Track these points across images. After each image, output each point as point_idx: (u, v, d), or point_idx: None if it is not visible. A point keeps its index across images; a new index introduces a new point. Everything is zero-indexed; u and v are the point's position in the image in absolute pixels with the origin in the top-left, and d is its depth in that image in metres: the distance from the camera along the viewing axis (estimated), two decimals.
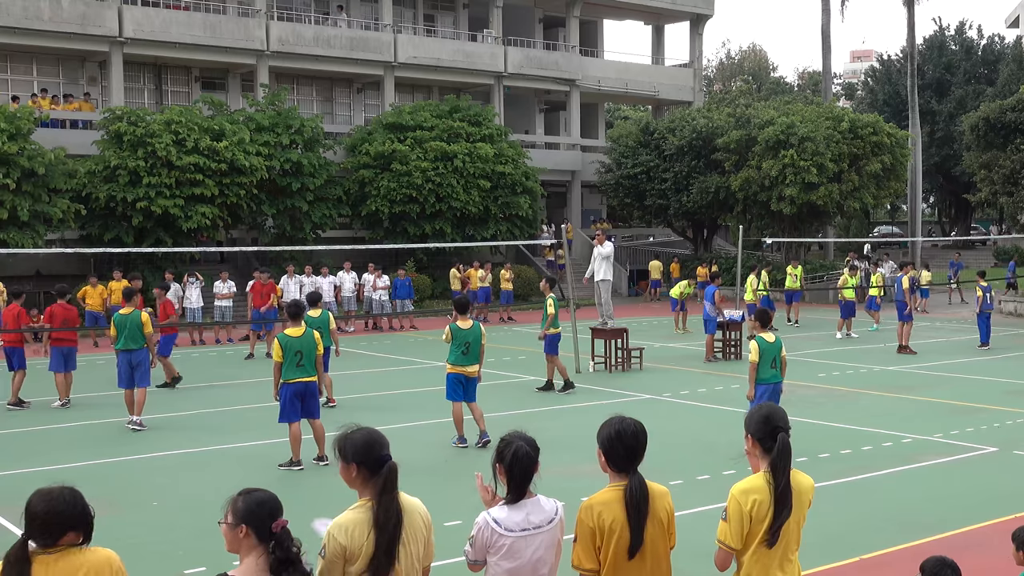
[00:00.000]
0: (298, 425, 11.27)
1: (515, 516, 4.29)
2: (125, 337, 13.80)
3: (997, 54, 58.59)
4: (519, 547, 4.26)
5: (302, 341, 11.25)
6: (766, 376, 11.15)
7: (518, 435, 4.43)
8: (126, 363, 13.80)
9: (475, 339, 12.22)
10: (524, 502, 4.33)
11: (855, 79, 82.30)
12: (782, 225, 37.49)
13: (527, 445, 4.36)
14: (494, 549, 4.26)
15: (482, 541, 4.28)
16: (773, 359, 11.16)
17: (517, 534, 4.27)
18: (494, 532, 4.26)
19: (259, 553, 3.65)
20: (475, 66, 39.96)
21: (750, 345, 11.26)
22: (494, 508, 4.34)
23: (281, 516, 3.68)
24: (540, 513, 4.34)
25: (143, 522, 9.26)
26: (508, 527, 4.27)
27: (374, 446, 4.11)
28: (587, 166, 42.29)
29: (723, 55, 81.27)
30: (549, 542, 4.35)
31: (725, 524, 4.45)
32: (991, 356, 20.69)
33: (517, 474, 4.31)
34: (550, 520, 4.36)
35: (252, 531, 3.64)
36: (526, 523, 4.29)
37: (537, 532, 4.31)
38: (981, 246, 54.86)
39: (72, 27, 31.66)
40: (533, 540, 4.29)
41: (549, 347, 16.64)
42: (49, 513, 3.70)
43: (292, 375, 11.17)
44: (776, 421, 4.55)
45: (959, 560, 4.71)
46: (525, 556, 4.27)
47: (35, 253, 23.41)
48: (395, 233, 34.12)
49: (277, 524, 3.64)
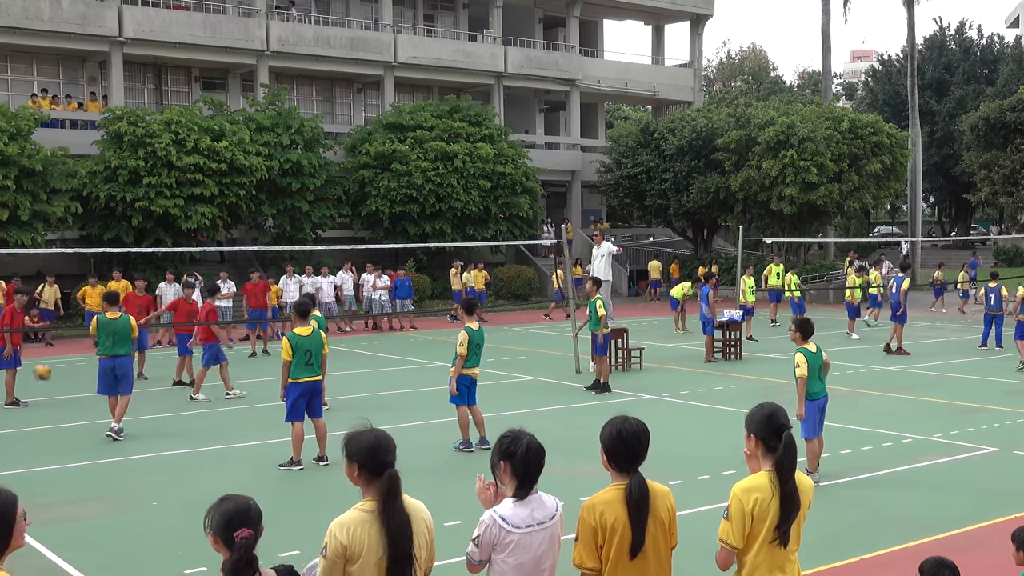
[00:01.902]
0: (302, 425, 11.27)
1: (521, 513, 4.32)
2: (113, 343, 13.24)
3: (997, 54, 58.61)
4: (525, 543, 4.30)
5: (311, 340, 11.26)
6: (815, 390, 10.31)
7: (522, 431, 4.45)
8: (110, 370, 13.19)
9: (482, 341, 12.17)
10: (529, 499, 4.36)
11: (855, 79, 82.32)
12: (782, 225, 37.50)
13: (535, 440, 4.40)
14: (501, 546, 4.30)
15: (489, 539, 4.30)
16: (818, 370, 10.32)
17: (523, 530, 4.31)
18: (501, 529, 4.29)
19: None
20: (475, 66, 39.97)
21: (796, 359, 10.25)
22: (499, 506, 4.36)
23: (249, 526, 3.79)
24: (543, 509, 4.39)
25: (143, 522, 9.26)
26: (515, 524, 4.30)
27: (378, 450, 4.13)
28: (587, 166, 42.30)
29: (723, 55, 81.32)
30: (552, 537, 4.40)
31: (727, 523, 4.45)
32: (991, 356, 20.67)
33: (531, 468, 4.35)
34: (552, 516, 4.41)
35: (221, 540, 3.81)
36: (531, 519, 4.33)
37: (541, 528, 4.35)
38: (981, 246, 54.87)
39: (72, 27, 31.66)
40: (538, 536, 4.33)
41: (600, 348, 16.53)
42: None
43: (301, 374, 11.19)
44: (780, 419, 4.54)
45: (959, 560, 4.71)
46: (530, 552, 4.31)
47: (35, 253, 23.39)
48: (395, 233, 34.13)
49: (238, 535, 3.76)
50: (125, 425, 13.38)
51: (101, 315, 13.52)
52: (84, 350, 22.60)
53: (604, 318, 16.40)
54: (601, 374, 16.55)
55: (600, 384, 16.48)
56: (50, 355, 22.28)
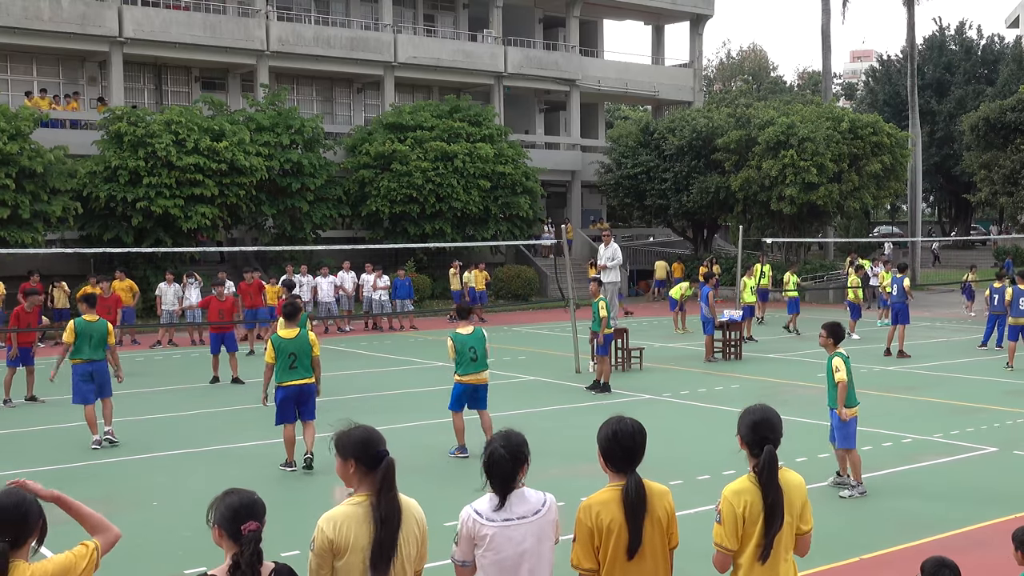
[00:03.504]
0: (292, 427, 11.10)
1: (498, 506, 4.32)
2: (89, 347, 12.61)
3: (997, 54, 58.59)
4: (502, 538, 4.26)
5: (296, 343, 11.02)
6: (854, 398, 9.97)
7: (501, 436, 4.42)
8: (88, 375, 12.55)
9: (477, 344, 11.67)
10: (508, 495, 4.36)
11: (855, 79, 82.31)
12: (782, 225, 37.51)
13: (504, 448, 4.33)
14: (478, 540, 4.28)
15: (467, 534, 4.30)
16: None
17: (499, 524, 4.28)
18: (476, 522, 4.29)
19: (234, 554, 3.76)
20: (475, 66, 39.97)
21: (835, 363, 9.85)
22: (476, 501, 4.37)
23: (255, 519, 3.74)
24: (523, 504, 4.34)
25: (143, 522, 9.26)
26: (490, 517, 4.29)
27: (371, 442, 4.13)
28: (587, 166, 42.30)
29: (723, 55, 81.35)
30: (536, 533, 4.32)
31: (719, 526, 4.45)
32: (991, 356, 20.65)
33: (495, 476, 4.34)
34: (535, 511, 4.34)
35: (226, 533, 3.75)
36: (508, 513, 4.30)
37: (521, 523, 4.30)
38: (981, 246, 54.87)
39: (72, 27, 31.66)
40: (517, 531, 4.28)
41: (601, 348, 16.50)
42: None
43: (285, 378, 10.98)
44: (764, 431, 4.48)
45: (959, 560, 4.71)
46: (509, 547, 4.27)
47: (35, 253, 23.39)
48: (395, 233, 34.13)
49: (246, 528, 3.71)
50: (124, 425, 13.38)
51: (78, 318, 12.81)
52: None
53: (606, 319, 16.40)
54: (601, 374, 16.55)
55: (600, 384, 16.48)
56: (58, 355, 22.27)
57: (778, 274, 31.55)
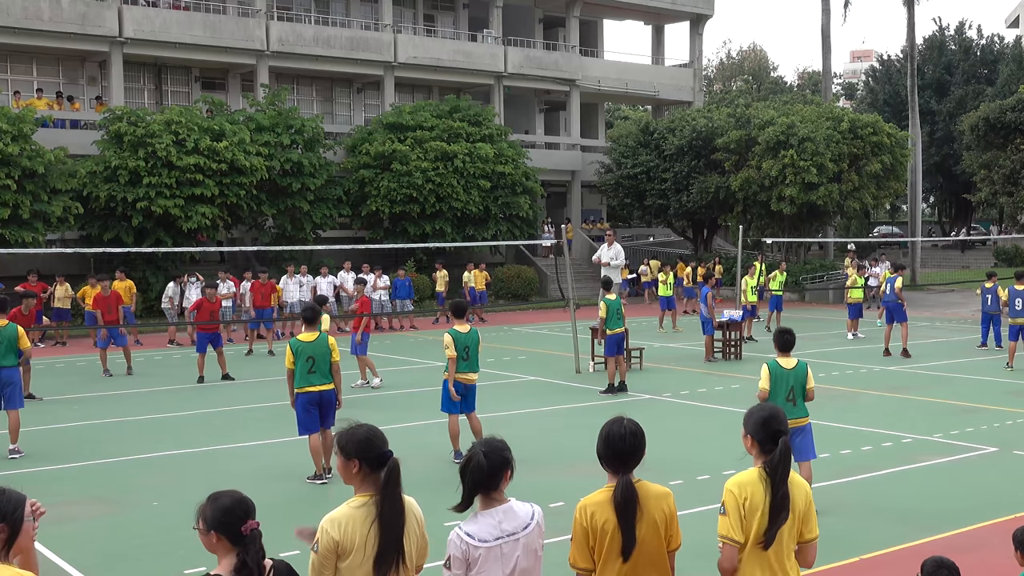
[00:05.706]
0: (318, 436, 10.65)
1: (486, 525, 4.15)
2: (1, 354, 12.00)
3: (997, 54, 58.60)
4: (495, 556, 4.12)
5: (315, 347, 10.60)
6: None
7: (482, 443, 4.27)
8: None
9: (472, 343, 11.45)
10: (495, 509, 4.19)
11: (855, 79, 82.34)
12: (782, 225, 37.50)
13: (485, 454, 4.17)
14: (471, 562, 4.11)
15: (460, 556, 4.12)
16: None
17: (491, 544, 4.12)
18: (468, 545, 4.11)
19: (236, 554, 3.69)
20: (475, 66, 39.97)
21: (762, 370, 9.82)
22: (464, 522, 4.19)
23: (251, 518, 3.69)
24: (513, 520, 4.20)
25: (143, 522, 9.26)
26: (481, 538, 4.12)
27: (376, 442, 4.12)
28: (587, 166, 42.30)
29: (723, 55, 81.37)
30: (529, 548, 4.21)
31: (725, 518, 4.41)
32: (991, 356, 20.66)
33: (471, 482, 4.16)
34: (525, 526, 4.22)
35: (224, 536, 3.68)
36: (499, 531, 4.14)
37: (511, 539, 4.16)
38: (981, 246, 54.87)
39: (72, 27, 31.65)
40: (509, 548, 4.15)
41: (609, 348, 16.42)
42: None
43: (304, 383, 10.55)
44: (776, 424, 4.49)
45: (959, 560, 4.71)
46: (505, 565, 4.14)
47: (35, 253, 23.40)
48: (395, 233, 34.13)
49: (247, 527, 3.67)
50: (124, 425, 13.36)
51: None
52: (85, 350, 22.63)
53: (603, 320, 16.39)
54: (613, 375, 16.46)
55: (612, 386, 16.37)
56: (60, 354, 22.30)
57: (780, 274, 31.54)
